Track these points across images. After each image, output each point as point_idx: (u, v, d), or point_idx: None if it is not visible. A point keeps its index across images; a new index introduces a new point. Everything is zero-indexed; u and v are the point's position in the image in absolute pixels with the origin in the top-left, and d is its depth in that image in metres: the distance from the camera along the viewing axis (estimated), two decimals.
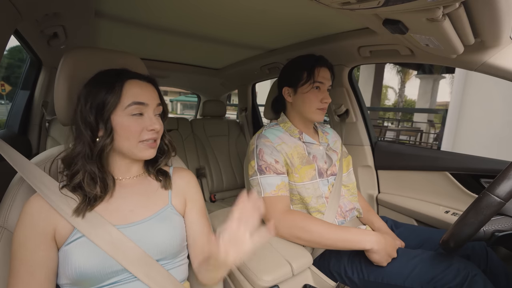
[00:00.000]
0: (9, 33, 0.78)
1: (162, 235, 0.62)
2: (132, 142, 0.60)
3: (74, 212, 0.55)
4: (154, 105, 0.62)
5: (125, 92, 0.59)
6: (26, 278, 0.51)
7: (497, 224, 0.69)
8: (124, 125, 0.59)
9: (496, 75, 0.84)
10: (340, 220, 0.99)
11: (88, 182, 0.58)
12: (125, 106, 0.58)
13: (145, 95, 0.61)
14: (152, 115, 0.62)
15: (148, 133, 0.61)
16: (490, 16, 0.59)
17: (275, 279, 0.73)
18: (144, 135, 0.61)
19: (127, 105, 0.58)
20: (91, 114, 0.57)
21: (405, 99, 15.54)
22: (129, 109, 0.59)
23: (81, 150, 0.58)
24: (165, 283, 0.59)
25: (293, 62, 1.05)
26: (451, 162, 1.23)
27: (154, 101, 0.62)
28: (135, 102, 0.59)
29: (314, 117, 1.01)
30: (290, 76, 1.04)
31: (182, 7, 1.01)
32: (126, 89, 0.59)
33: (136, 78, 0.62)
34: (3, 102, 3.74)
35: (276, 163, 0.94)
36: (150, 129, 0.61)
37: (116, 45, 1.54)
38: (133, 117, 0.59)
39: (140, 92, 0.60)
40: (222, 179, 2.11)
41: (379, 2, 0.50)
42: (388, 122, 10.68)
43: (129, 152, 0.61)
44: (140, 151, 0.61)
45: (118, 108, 0.58)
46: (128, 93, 0.59)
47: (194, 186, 0.75)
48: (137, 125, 0.60)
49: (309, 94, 0.99)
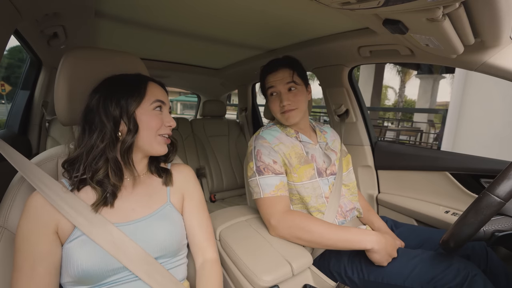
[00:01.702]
0: (9, 33, 0.78)
1: (161, 232, 0.63)
2: (154, 135, 0.65)
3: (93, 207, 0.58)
4: (168, 105, 0.70)
5: (149, 92, 0.66)
6: (29, 271, 0.52)
7: (497, 224, 0.69)
8: (147, 118, 0.64)
9: (496, 75, 0.84)
10: (340, 220, 0.99)
11: (115, 173, 0.61)
12: (150, 103, 0.65)
13: (163, 96, 0.69)
14: (168, 113, 0.69)
15: (166, 128, 0.67)
16: (490, 16, 0.59)
17: (275, 279, 0.73)
18: (162, 130, 0.67)
19: (152, 102, 0.65)
20: (117, 109, 0.61)
21: (405, 99, 15.54)
22: (153, 105, 0.65)
23: (105, 144, 0.60)
24: (165, 282, 0.60)
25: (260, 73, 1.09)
26: (451, 162, 1.22)
27: (168, 101, 0.70)
28: (158, 100, 0.66)
29: (284, 122, 1.02)
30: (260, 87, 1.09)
31: (182, 7, 1.01)
32: (149, 89, 0.66)
33: (155, 82, 0.70)
34: (3, 102, 3.74)
35: (274, 164, 0.94)
36: (168, 125, 0.67)
37: (116, 45, 1.54)
38: (155, 111, 0.65)
39: (160, 92, 0.68)
40: (222, 179, 2.11)
41: (379, 2, 0.50)
42: (388, 122, 10.68)
43: (148, 144, 0.65)
44: (158, 144, 0.66)
45: (142, 105, 0.64)
46: (150, 92, 0.66)
47: (192, 180, 0.77)
48: (158, 120, 0.65)
49: (270, 103, 1.03)
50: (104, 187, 0.60)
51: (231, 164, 2.19)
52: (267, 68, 1.02)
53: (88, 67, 0.66)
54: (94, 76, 0.67)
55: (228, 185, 2.13)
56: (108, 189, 0.60)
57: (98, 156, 0.60)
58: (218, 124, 2.30)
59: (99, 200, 0.59)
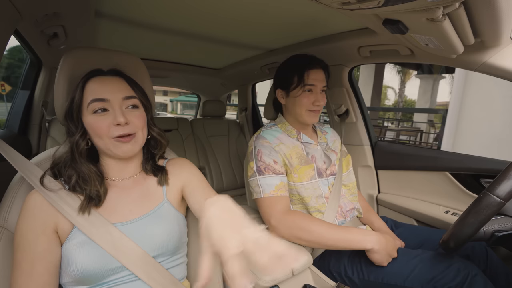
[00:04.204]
0: (9, 33, 0.78)
1: (158, 231, 0.63)
2: (106, 140, 0.59)
3: (79, 210, 0.56)
4: (118, 98, 0.60)
5: (86, 90, 0.59)
6: (28, 269, 0.52)
7: (497, 224, 0.69)
8: (91, 123, 0.58)
9: (496, 75, 0.84)
10: (340, 220, 0.99)
11: (83, 182, 0.59)
12: (87, 105, 0.58)
13: (106, 90, 0.59)
14: (118, 109, 0.59)
15: (115, 128, 0.58)
16: (490, 16, 0.59)
17: (275, 279, 0.73)
18: (113, 131, 0.58)
19: (88, 103, 0.58)
20: (68, 117, 0.60)
21: (405, 99, 15.54)
22: (90, 107, 0.58)
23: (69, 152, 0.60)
24: (165, 281, 0.60)
25: (285, 65, 1.05)
26: (451, 162, 1.22)
27: (118, 94, 0.60)
28: (94, 99, 0.58)
29: (306, 119, 1.00)
30: (282, 79, 1.04)
31: (182, 7, 1.01)
32: (87, 87, 0.59)
33: (100, 75, 0.62)
34: (4, 101, 3.74)
35: (274, 164, 0.94)
36: (115, 124, 0.58)
37: (116, 45, 1.54)
38: (96, 114, 0.58)
39: (99, 88, 0.59)
40: (222, 179, 2.11)
41: (379, 2, 0.50)
42: (388, 122, 10.68)
43: (107, 150, 0.60)
44: (116, 148, 0.59)
45: (83, 108, 0.59)
46: (88, 91, 0.59)
47: (187, 167, 0.74)
48: (102, 122, 0.58)
49: (301, 98, 0.98)
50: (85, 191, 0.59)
51: (231, 164, 2.19)
52: (307, 63, 0.99)
53: (88, 67, 0.66)
54: None
55: (228, 185, 2.13)
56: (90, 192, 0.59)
57: (68, 160, 0.60)
58: (218, 124, 2.30)
59: (82, 202, 0.58)
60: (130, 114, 0.61)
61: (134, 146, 0.62)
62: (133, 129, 0.61)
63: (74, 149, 0.59)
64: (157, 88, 10.47)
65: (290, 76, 0.99)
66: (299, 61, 1.00)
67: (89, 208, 0.57)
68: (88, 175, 0.59)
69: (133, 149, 0.62)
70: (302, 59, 1.00)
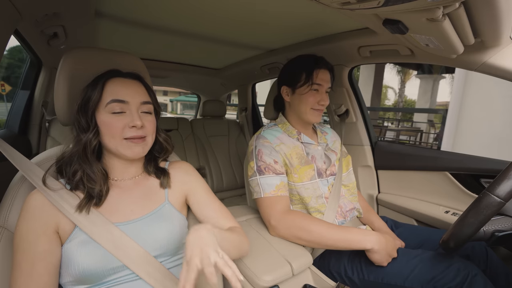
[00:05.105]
0: (9, 33, 0.78)
1: (159, 231, 0.63)
2: (117, 140, 0.60)
3: (77, 208, 0.56)
4: (137, 102, 0.62)
5: (106, 90, 0.60)
6: (28, 270, 0.52)
7: (497, 224, 0.69)
8: (106, 122, 0.59)
9: (496, 75, 0.84)
10: (340, 220, 0.99)
11: (88, 180, 0.59)
12: (105, 104, 0.59)
13: (127, 93, 0.61)
14: (135, 112, 0.61)
15: (130, 130, 0.60)
16: (490, 16, 0.59)
17: (275, 279, 0.73)
18: (127, 133, 0.60)
19: (107, 103, 0.59)
20: (80, 114, 0.60)
21: (405, 99, 15.54)
22: (109, 106, 0.59)
23: (76, 149, 0.60)
24: (165, 281, 0.60)
25: (293, 62, 1.05)
26: (451, 162, 1.22)
27: (137, 98, 0.62)
28: (114, 99, 0.59)
29: (310, 118, 1.01)
30: (289, 76, 1.03)
31: (183, 7, 1.01)
32: (107, 87, 0.60)
33: (120, 76, 0.63)
34: (4, 101, 3.74)
35: (275, 164, 0.94)
36: (131, 126, 0.60)
37: (116, 45, 1.54)
38: (114, 114, 0.59)
39: (121, 89, 0.61)
40: (222, 179, 2.11)
41: (379, 2, 0.50)
42: (388, 122, 10.67)
43: (116, 150, 0.61)
44: (125, 149, 0.61)
45: (100, 106, 0.60)
46: (108, 91, 0.60)
47: (192, 174, 0.76)
48: (118, 122, 0.59)
49: (307, 96, 0.99)
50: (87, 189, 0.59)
51: (231, 164, 2.19)
52: (315, 62, 0.99)
53: (88, 67, 0.66)
54: (94, 76, 0.66)
55: (228, 185, 2.13)
56: (91, 191, 0.59)
57: (75, 158, 0.60)
58: (218, 124, 2.30)
59: (82, 201, 0.58)
60: (144, 118, 0.63)
61: (144, 148, 0.64)
62: (145, 132, 0.63)
63: (88, 146, 0.59)
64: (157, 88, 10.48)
65: (298, 73, 1.00)
66: (309, 60, 1.01)
67: (88, 206, 0.58)
68: (95, 173, 0.60)
69: (142, 152, 0.64)
70: (312, 58, 1.01)
